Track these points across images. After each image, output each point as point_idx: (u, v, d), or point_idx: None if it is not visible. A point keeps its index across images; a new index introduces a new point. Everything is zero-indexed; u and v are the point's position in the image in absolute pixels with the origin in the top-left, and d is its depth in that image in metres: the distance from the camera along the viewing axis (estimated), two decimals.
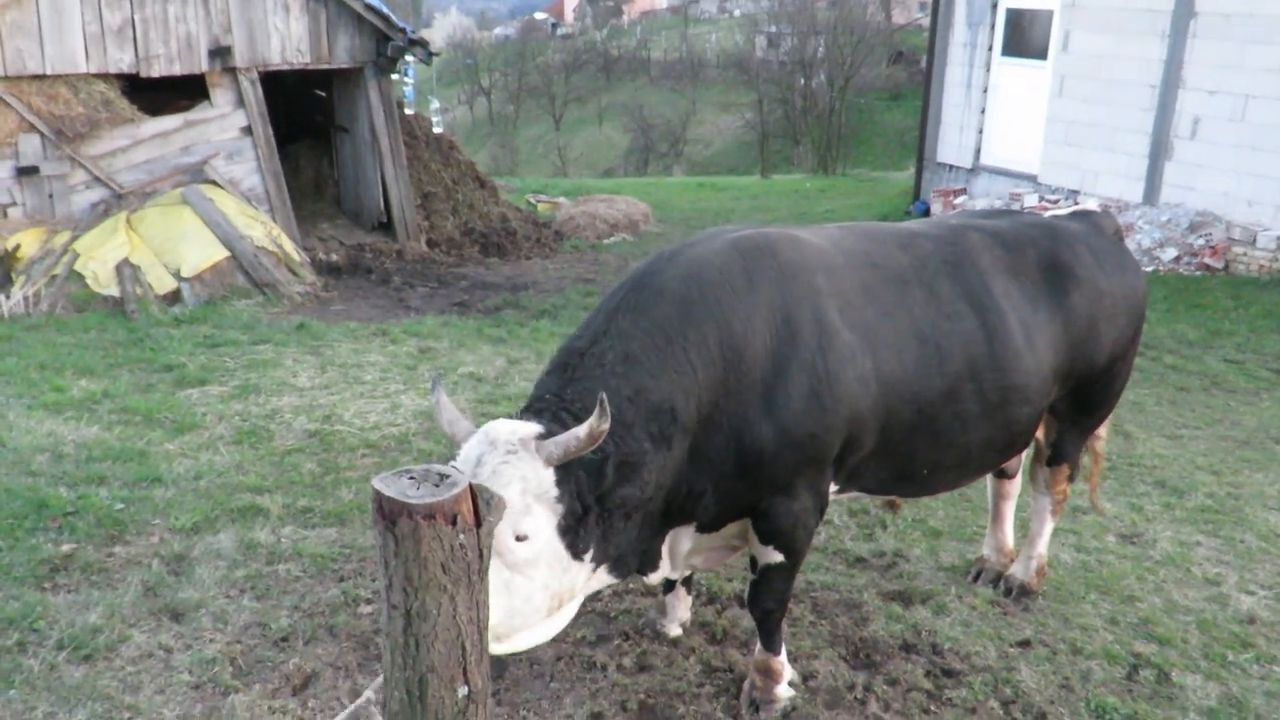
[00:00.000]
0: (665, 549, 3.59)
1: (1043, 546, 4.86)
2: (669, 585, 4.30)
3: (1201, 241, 13.18)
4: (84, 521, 4.98)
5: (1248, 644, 4.51)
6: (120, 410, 6.67)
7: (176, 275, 10.06)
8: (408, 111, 14.82)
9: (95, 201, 10.88)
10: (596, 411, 2.88)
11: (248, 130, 11.82)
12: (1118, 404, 4.79)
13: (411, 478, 2.31)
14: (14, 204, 10.49)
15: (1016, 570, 4.89)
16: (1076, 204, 14.72)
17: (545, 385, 3.30)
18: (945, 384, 3.77)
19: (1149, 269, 13.31)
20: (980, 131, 16.62)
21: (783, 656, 3.96)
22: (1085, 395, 4.43)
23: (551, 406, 3.17)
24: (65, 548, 4.73)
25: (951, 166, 17.25)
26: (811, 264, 3.62)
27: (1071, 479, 4.75)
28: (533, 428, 3.03)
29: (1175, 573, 5.16)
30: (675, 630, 4.40)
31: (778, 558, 3.70)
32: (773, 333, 3.42)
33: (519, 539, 2.91)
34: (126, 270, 9.79)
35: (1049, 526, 4.84)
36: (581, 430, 2.92)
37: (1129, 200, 14.40)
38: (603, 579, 3.34)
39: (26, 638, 4.00)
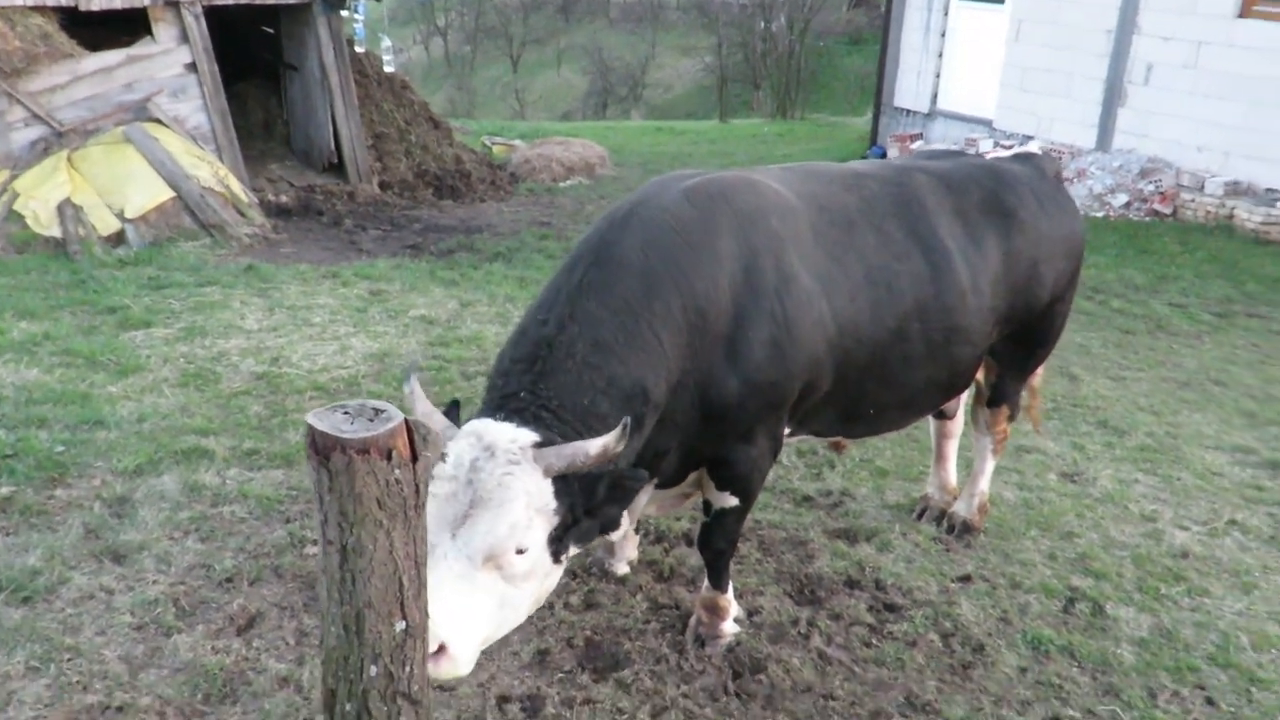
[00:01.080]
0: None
1: (984, 484, 4.94)
2: None
3: (1152, 188, 13.32)
4: (23, 464, 4.90)
5: (1180, 577, 4.63)
6: (62, 353, 6.54)
7: (120, 216, 9.82)
8: (358, 49, 14.49)
9: (34, 139, 10.55)
10: (616, 433, 2.81)
11: (192, 67, 11.49)
12: (1062, 347, 4.85)
13: (346, 413, 2.28)
14: None
15: (959, 508, 4.98)
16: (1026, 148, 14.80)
17: (516, 379, 3.09)
18: (895, 325, 3.79)
19: (1099, 215, 13.44)
20: (937, 76, 16.61)
21: (730, 594, 4.01)
22: (1025, 337, 4.47)
23: (529, 405, 3.00)
24: (3, 490, 4.65)
25: (909, 111, 17.24)
26: (766, 208, 3.58)
27: (1011, 419, 4.82)
28: (531, 435, 2.89)
29: (1113, 510, 5.28)
30: (623, 569, 4.44)
31: (733, 502, 3.72)
32: (734, 283, 3.38)
33: (519, 552, 2.82)
34: (68, 210, 9.54)
35: (990, 465, 4.92)
36: (593, 448, 2.83)
37: (1082, 146, 14.50)
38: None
39: None
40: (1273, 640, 4.17)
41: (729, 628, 4.00)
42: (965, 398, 4.90)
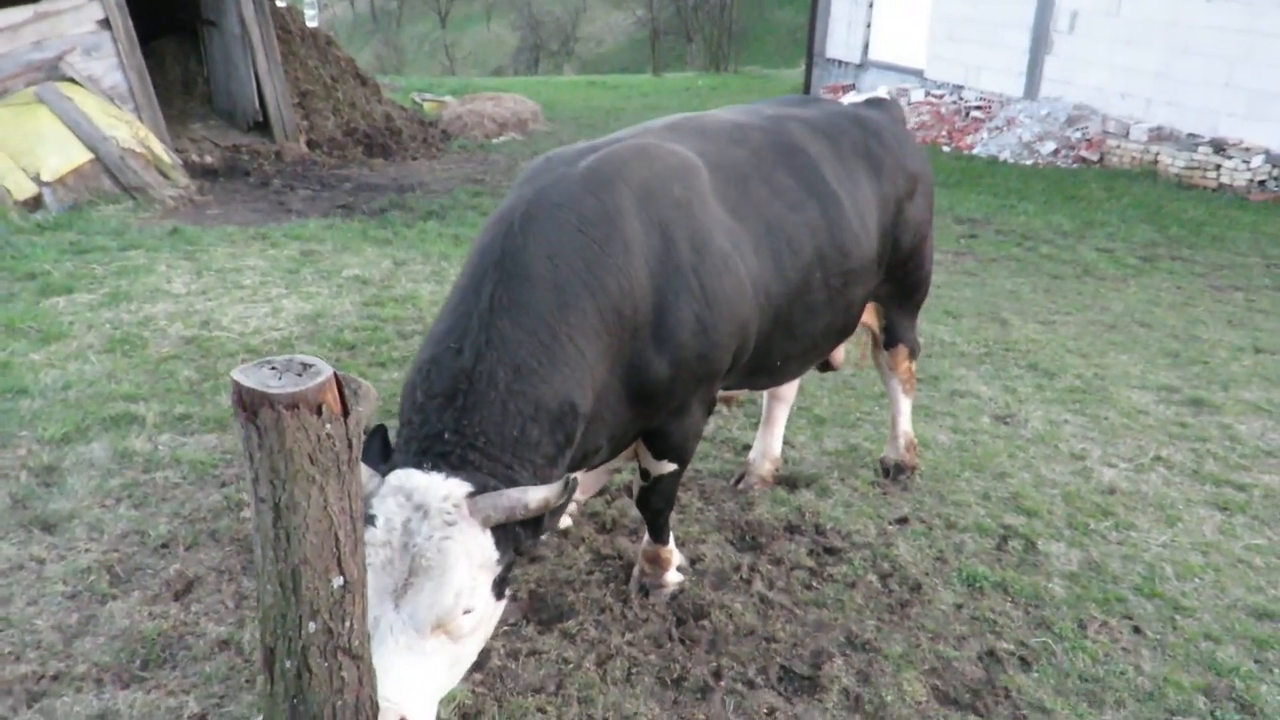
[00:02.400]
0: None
1: (905, 424, 5.03)
2: None
3: (1078, 135, 13.53)
4: None
5: (1108, 513, 4.76)
6: None
7: (36, 179, 9.48)
8: (280, 4, 14.09)
9: None
10: (557, 487, 2.69)
11: (106, 23, 11.08)
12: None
13: (273, 368, 2.23)
14: None
15: (889, 452, 5.09)
16: (961, 99, 14.94)
17: (436, 417, 2.84)
18: (798, 275, 3.76)
19: (1029, 162, 13.63)
20: (868, 26, 16.67)
21: (671, 545, 4.02)
22: (901, 277, 4.56)
23: (455, 447, 2.79)
24: None
25: (840, 62, 17.28)
26: (666, 175, 3.41)
27: (913, 356, 4.91)
28: (463, 487, 2.67)
29: (1044, 450, 5.41)
30: (565, 521, 4.41)
31: (670, 468, 3.68)
32: (649, 267, 3.23)
33: (466, 612, 2.67)
34: None
35: (905, 404, 5.00)
36: (532, 501, 2.67)
37: (1010, 95, 14.67)
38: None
39: None
40: (1196, 569, 4.32)
41: (672, 577, 4.03)
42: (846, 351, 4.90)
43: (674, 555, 4.06)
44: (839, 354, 4.81)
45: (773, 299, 3.66)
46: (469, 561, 2.64)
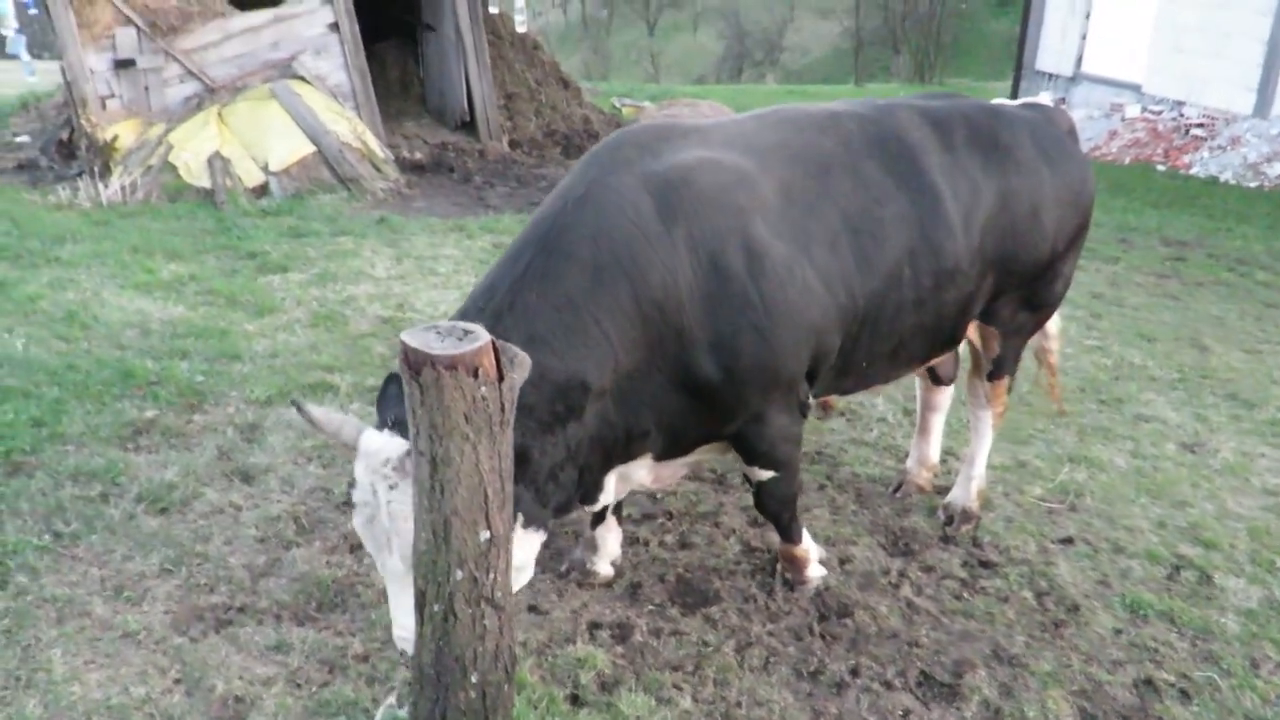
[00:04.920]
0: (612, 480, 3.42)
1: (981, 467, 4.63)
2: (598, 518, 4.01)
3: None
4: (166, 390, 5.28)
5: None
6: (205, 292, 6.98)
7: (264, 168, 10.33)
8: (492, 10, 14.78)
9: (188, 95, 11.17)
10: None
11: (334, 27, 11.93)
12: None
13: (438, 332, 2.43)
14: (112, 96, 10.83)
15: (955, 495, 4.65)
16: (1181, 116, 14.10)
17: None
18: (885, 269, 3.58)
19: (1253, 185, 12.74)
20: (1084, 37, 15.94)
21: (805, 543, 3.98)
22: (1024, 295, 4.17)
23: None
24: (148, 413, 5.03)
25: (1051, 75, 16.61)
26: (730, 182, 3.33)
27: (1009, 390, 4.54)
28: (399, 446, 2.75)
29: (1233, 481, 5.09)
30: (607, 569, 4.06)
31: (768, 474, 3.63)
32: (698, 273, 3.19)
33: None
34: (217, 162, 10.09)
35: (988, 443, 4.62)
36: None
37: (1237, 112, 13.74)
38: (546, 529, 3.16)
39: (109, 490, 4.30)
40: None
41: (814, 571, 4.03)
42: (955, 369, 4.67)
43: (811, 551, 4.03)
44: (949, 368, 4.59)
45: (857, 295, 3.51)
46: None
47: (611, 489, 3.42)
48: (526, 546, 3.04)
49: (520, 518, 2.94)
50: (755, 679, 3.50)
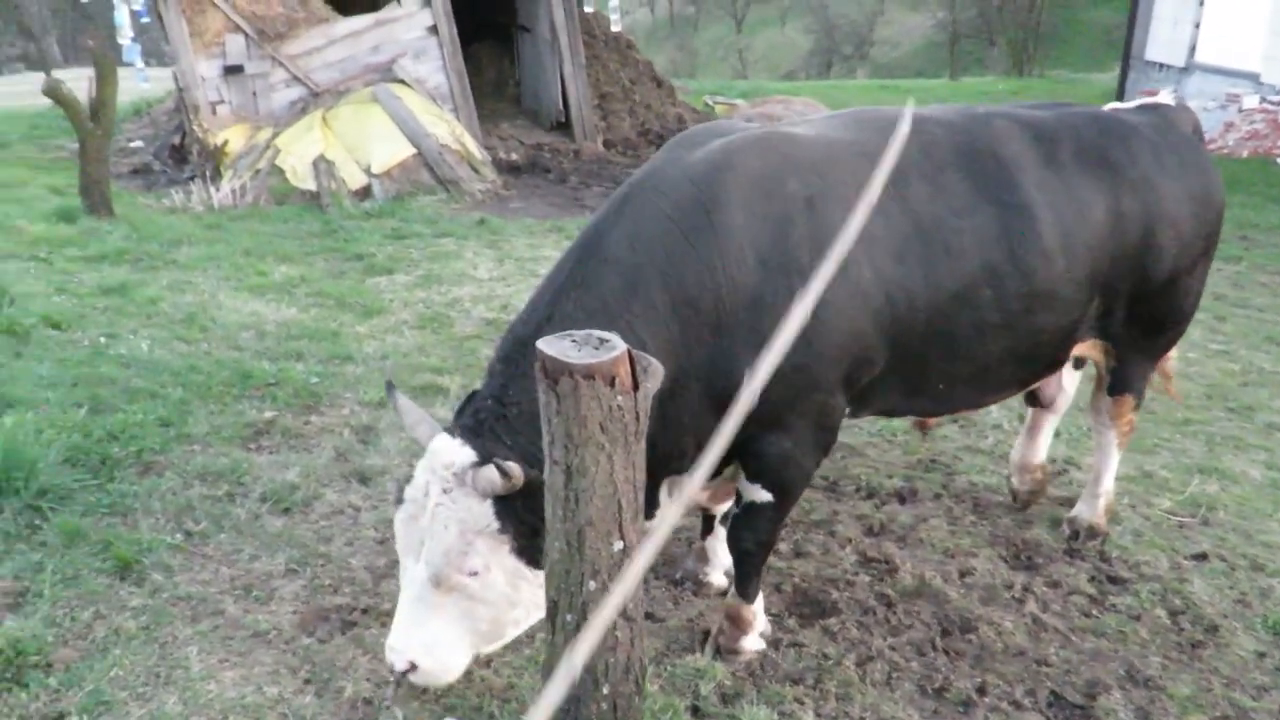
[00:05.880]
0: (664, 493, 3.30)
1: (1109, 483, 4.39)
2: (707, 528, 3.97)
3: None
4: (284, 392, 5.39)
5: None
6: (316, 294, 7.13)
7: (367, 171, 10.53)
8: (587, 10, 14.84)
9: (294, 99, 11.45)
10: (492, 472, 2.73)
11: (433, 30, 12.11)
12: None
13: (573, 341, 2.41)
14: (222, 101, 11.16)
15: (1081, 510, 4.44)
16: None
17: (492, 380, 3.02)
18: (957, 288, 3.33)
19: None
20: (1197, 25, 15.35)
21: (757, 605, 3.58)
22: (1144, 315, 3.87)
23: (489, 415, 2.92)
24: (267, 414, 5.14)
25: (1161, 65, 16.04)
26: (782, 170, 3.18)
27: (1137, 408, 4.25)
28: (468, 457, 2.81)
29: None
30: (719, 579, 3.98)
31: (765, 496, 3.34)
32: (740, 263, 3.04)
33: (472, 574, 2.84)
34: (322, 165, 10.31)
35: (1115, 460, 4.38)
36: (498, 483, 2.74)
37: None
38: None
39: (234, 490, 4.41)
40: None
41: (750, 643, 3.57)
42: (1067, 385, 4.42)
43: (757, 618, 3.59)
44: (1052, 391, 4.33)
45: (918, 310, 3.28)
46: (460, 527, 2.80)
47: (667, 503, 3.31)
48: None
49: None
50: (878, 694, 3.42)
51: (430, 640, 2.90)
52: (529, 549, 2.87)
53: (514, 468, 2.74)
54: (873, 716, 3.32)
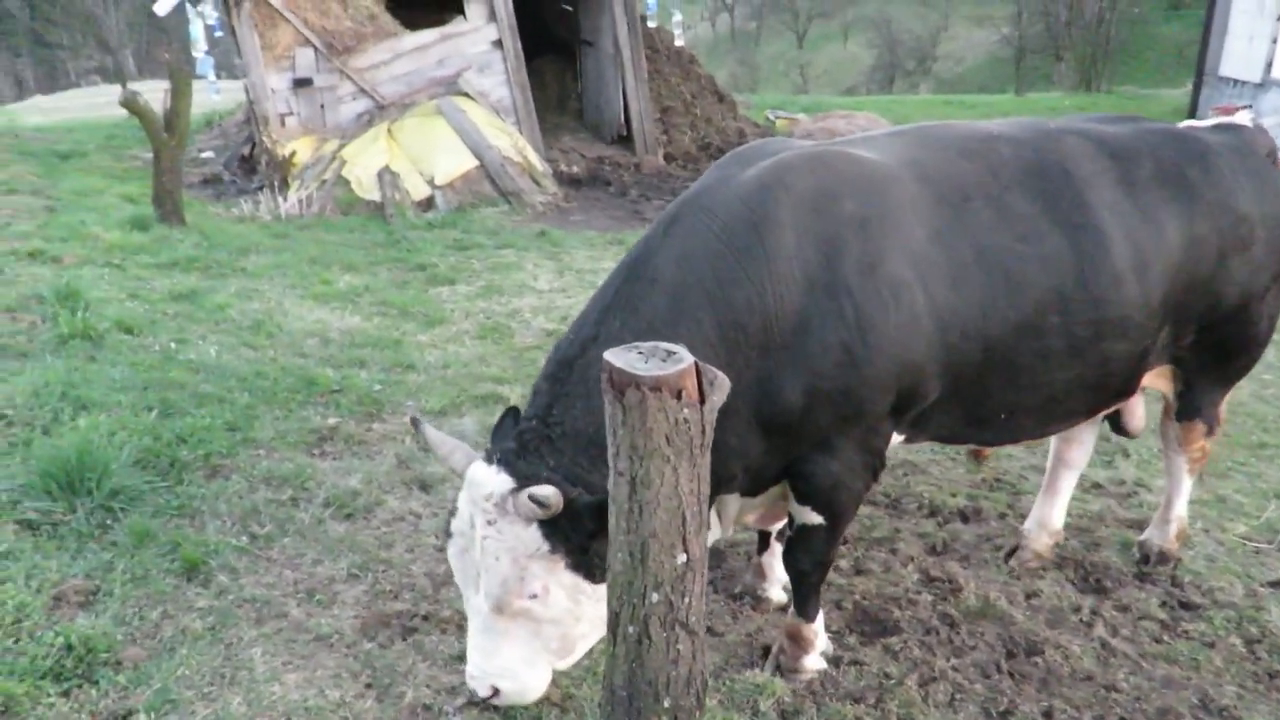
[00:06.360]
0: (713, 513, 3.24)
1: (1181, 508, 4.24)
2: (763, 544, 3.95)
3: None
4: (347, 399, 5.47)
5: None
6: (379, 303, 7.22)
7: (430, 183, 10.67)
8: (650, 25, 14.91)
9: (360, 112, 11.65)
10: (542, 502, 2.70)
11: (498, 44, 12.25)
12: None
13: (640, 352, 2.40)
14: (291, 113, 11.39)
15: (1153, 536, 4.29)
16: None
17: (538, 399, 2.98)
18: (1019, 317, 3.22)
19: None
20: (1275, 41, 14.99)
21: (818, 624, 3.53)
22: (1216, 340, 3.72)
23: (533, 436, 2.90)
24: (331, 420, 5.21)
25: (1236, 81, 15.69)
26: (838, 190, 3.10)
27: (1210, 434, 4.05)
28: (505, 484, 2.79)
29: None
30: (778, 594, 3.96)
31: (816, 519, 3.28)
32: (789, 284, 2.97)
33: (532, 597, 2.85)
34: (386, 177, 10.47)
35: (1187, 486, 4.20)
36: (537, 511, 2.73)
37: None
38: None
39: (298, 495, 4.47)
40: None
41: (811, 662, 3.51)
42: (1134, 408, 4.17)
43: (818, 638, 3.55)
44: (1137, 419, 4.13)
45: (975, 339, 3.18)
46: (512, 555, 2.79)
47: (716, 524, 3.29)
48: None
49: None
50: (941, 716, 3.36)
51: (506, 665, 2.93)
52: (584, 563, 2.87)
53: (549, 495, 2.71)
54: None
